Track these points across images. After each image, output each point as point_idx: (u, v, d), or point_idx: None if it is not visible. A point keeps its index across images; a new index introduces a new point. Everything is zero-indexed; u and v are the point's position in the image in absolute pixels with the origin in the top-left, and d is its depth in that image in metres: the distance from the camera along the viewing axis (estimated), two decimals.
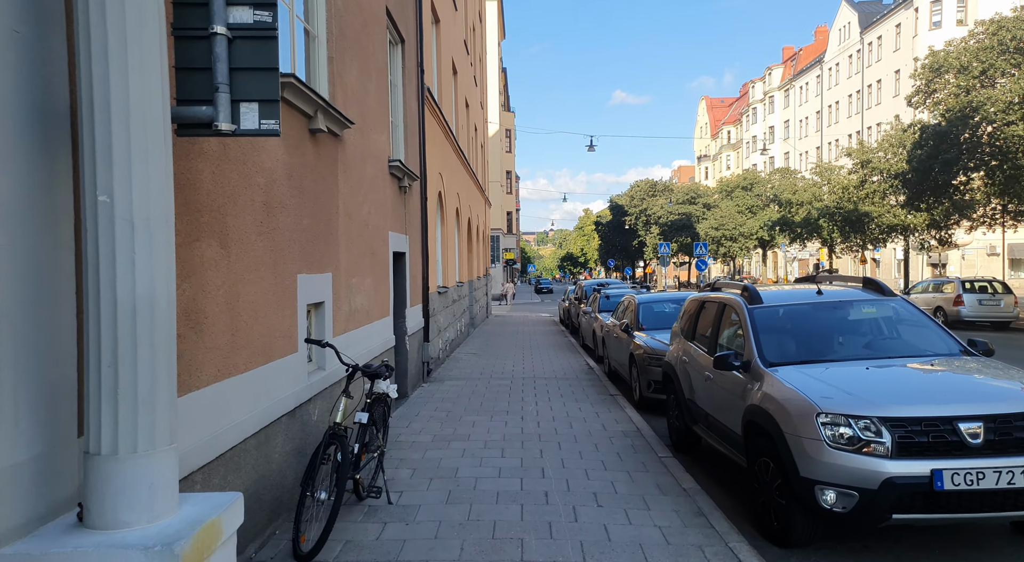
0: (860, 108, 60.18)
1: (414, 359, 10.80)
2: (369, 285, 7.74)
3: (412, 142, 10.90)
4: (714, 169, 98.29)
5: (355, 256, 7.13)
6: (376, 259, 8.10)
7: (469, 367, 13.64)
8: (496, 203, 52.30)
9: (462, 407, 9.43)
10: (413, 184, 10.81)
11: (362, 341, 7.31)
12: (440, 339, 13.81)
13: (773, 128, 79.78)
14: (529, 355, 15.70)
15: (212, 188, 3.91)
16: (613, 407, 9.36)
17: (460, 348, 17.12)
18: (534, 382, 11.64)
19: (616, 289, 17.73)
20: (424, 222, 11.63)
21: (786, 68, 79.12)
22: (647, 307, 11.12)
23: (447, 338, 15.04)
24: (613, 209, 77.07)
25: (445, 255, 15.10)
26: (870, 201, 28.21)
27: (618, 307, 12.96)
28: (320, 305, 6.01)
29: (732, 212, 50.91)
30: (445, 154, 15.15)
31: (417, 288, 11.23)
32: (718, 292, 7.03)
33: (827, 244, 34.44)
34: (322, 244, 5.96)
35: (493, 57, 49.80)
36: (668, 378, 7.69)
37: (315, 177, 5.82)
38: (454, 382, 11.70)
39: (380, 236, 8.33)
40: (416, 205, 11.16)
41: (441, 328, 13.99)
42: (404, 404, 9.71)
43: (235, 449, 4.12)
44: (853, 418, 4.25)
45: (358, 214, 7.26)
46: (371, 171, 7.87)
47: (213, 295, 3.90)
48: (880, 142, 28.52)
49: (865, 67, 59.50)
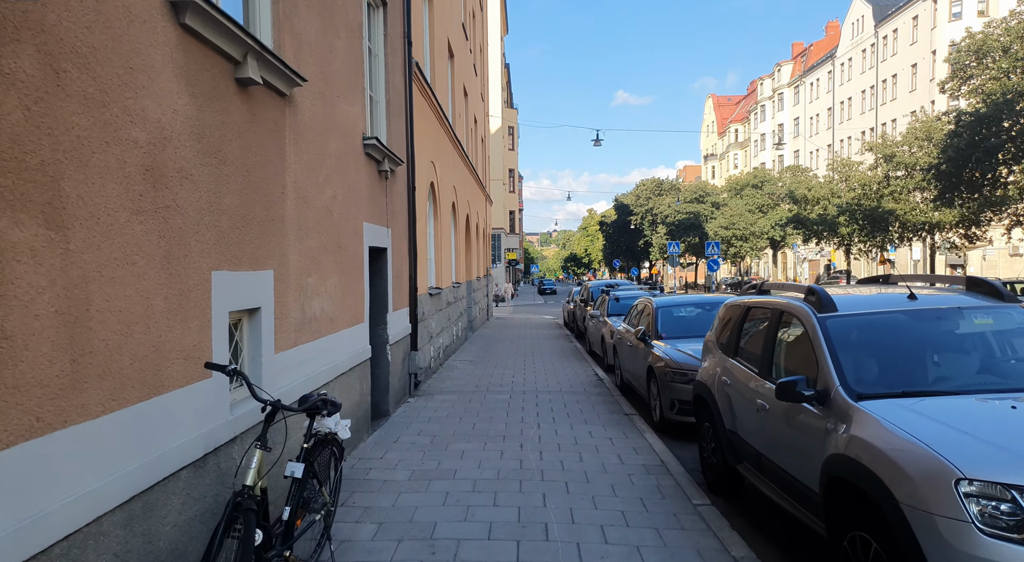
0: (874, 104, 58.58)
1: (398, 371, 9.38)
2: (334, 286, 6.32)
3: (397, 123, 9.48)
4: (721, 168, 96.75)
5: (313, 250, 5.71)
6: (345, 255, 6.68)
7: (464, 378, 12.20)
8: (498, 202, 50.91)
9: (451, 430, 7.99)
10: (397, 170, 9.39)
11: (322, 356, 5.89)
12: (431, 346, 12.38)
13: (782, 125, 78.23)
14: (531, 363, 14.27)
15: (26, 134, 2.49)
16: (630, 431, 7.92)
17: (456, 355, 15.69)
18: (536, 397, 10.20)
19: (626, 291, 16.28)
20: (412, 214, 10.21)
21: (796, 64, 77.55)
22: (667, 312, 9.67)
23: (440, 345, 13.62)
24: (618, 208, 75.57)
25: (439, 253, 13.68)
26: (893, 198, 26.68)
27: (631, 311, 11.51)
28: (255, 312, 4.59)
29: (743, 211, 49.36)
30: (439, 142, 13.73)
31: (403, 289, 9.81)
32: (766, 295, 5.58)
33: (844, 243, 32.89)
34: (257, 232, 4.54)
35: (495, 50, 48.43)
36: (702, 402, 6.25)
37: (246, 144, 4.40)
38: (445, 397, 10.27)
39: (351, 227, 6.92)
40: (402, 194, 9.73)
41: (433, 334, 12.57)
42: (384, 426, 8.28)
43: (74, 538, 2.70)
44: (1018, 489, 2.81)
45: (318, 198, 5.85)
46: (337, 147, 6.45)
47: (26, 302, 2.48)
48: (905, 135, 26.98)
49: (880, 61, 57.91)
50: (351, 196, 6.94)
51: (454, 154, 16.46)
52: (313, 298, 5.69)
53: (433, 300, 12.60)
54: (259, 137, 4.60)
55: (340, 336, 6.47)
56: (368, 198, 7.69)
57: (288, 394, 4.97)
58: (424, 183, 11.73)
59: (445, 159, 14.65)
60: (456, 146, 16.67)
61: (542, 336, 20.97)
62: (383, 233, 8.45)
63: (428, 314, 11.95)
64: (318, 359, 5.77)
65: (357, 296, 7.14)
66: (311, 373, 5.53)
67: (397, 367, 9.30)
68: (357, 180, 7.19)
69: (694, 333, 9.19)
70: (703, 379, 6.22)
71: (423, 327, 11.36)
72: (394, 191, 9.21)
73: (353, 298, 6.96)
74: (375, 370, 8.69)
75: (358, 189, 7.23)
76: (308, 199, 5.60)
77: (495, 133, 52.12)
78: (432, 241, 13.49)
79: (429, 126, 12.40)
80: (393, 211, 9.12)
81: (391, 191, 9.00)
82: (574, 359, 15.08)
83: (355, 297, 7.05)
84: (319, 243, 5.87)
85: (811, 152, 71.30)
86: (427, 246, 12.33)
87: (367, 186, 7.65)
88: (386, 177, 8.59)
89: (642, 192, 70.34)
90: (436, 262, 13.61)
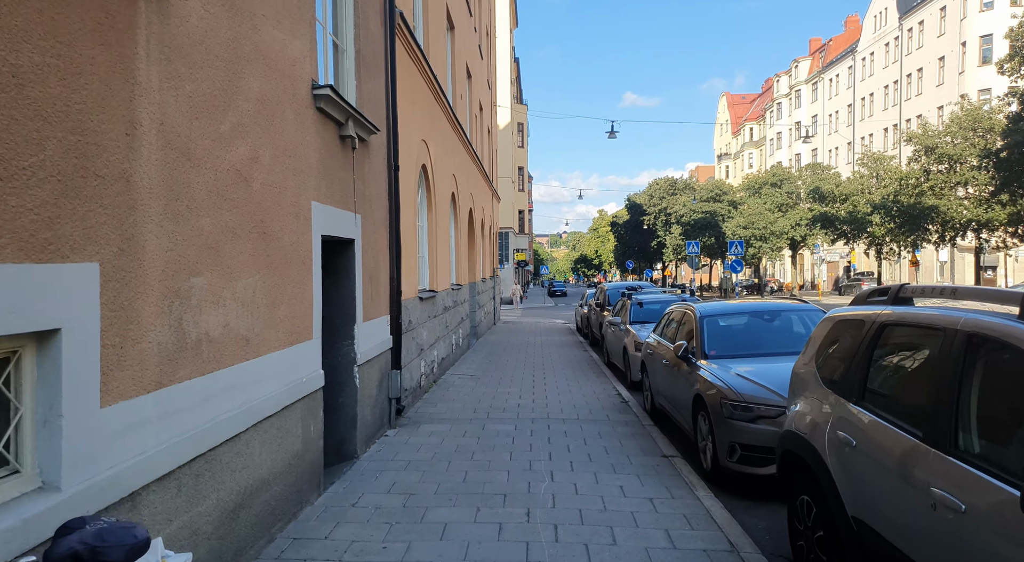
0: (898, 99, 56.17)
1: (371, 398, 7.35)
2: (253, 290, 4.31)
3: (372, 82, 7.48)
4: (735, 168, 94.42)
5: (207, 234, 3.70)
6: (275, 245, 4.67)
7: (462, 398, 10.17)
8: (507, 200, 48.92)
9: (434, 484, 5.96)
10: (372, 142, 7.39)
11: (223, 397, 3.88)
12: (422, 361, 10.36)
13: (800, 124, 75.81)
14: (541, 378, 12.22)
15: None
16: (675, 485, 5.87)
17: (455, 367, 13.67)
18: (548, 427, 8.16)
19: (651, 295, 14.20)
20: (394, 200, 8.20)
21: (814, 60, 75.17)
22: (714, 323, 7.58)
23: (435, 358, 11.60)
24: (631, 208, 73.38)
25: (435, 250, 11.67)
26: (934, 194, 24.44)
27: (663, 320, 9.45)
28: (48, 339, 2.58)
29: (762, 210, 47.09)
30: (434, 120, 11.72)
31: (381, 293, 7.80)
32: (912, 307, 3.53)
33: (875, 243, 30.63)
34: (49, 194, 2.54)
35: (504, 41, 46.51)
36: (798, 465, 4.18)
37: (23, 37, 2.40)
38: (435, 427, 8.24)
39: (288, 206, 4.91)
40: (379, 174, 7.73)
41: (424, 346, 10.54)
42: (345, 475, 6.26)
43: None
44: None
45: (218, 155, 3.85)
46: (261, 89, 4.45)
47: None
48: (948, 124, 24.74)
49: (904, 55, 55.50)
50: (289, 163, 4.93)
51: (454, 138, 14.46)
52: (205, 309, 3.68)
53: (425, 305, 10.59)
54: (58, 28, 2.60)
55: (265, 363, 4.45)
56: (321, 171, 5.68)
57: (135, 475, 2.97)
58: (413, 165, 9.72)
59: (442, 142, 12.64)
60: (457, 130, 14.66)
61: (553, 343, 18.92)
62: (347, 220, 6.44)
63: (417, 322, 9.94)
64: (214, 403, 3.76)
65: (299, 304, 5.13)
66: (193, 430, 3.52)
67: (370, 393, 7.28)
68: (300, 143, 5.18)
69: (753, 350, 7.12)
70: (800, 430, 4.15)
71: (410, 339, 9.34)
72: (367, 168, 7.20)
73: (291, 306, 4.95)
74: (336, 400, 6.68)
75: (302, 156, 5.22)
76: (195, 154, 3.59)
77: (504, 129, 50.15)
78: (426, 236, 11.48)
79: (420, 98, 10.39)
80: (365, 194, 7.12)
81: (362, 168, 6.99)
82: (591, 372, 13.03)
83: (295, 305, 5.04)
84: (220, 224, 3.86)
85: (830, 150, 68.90)
86: (417, 241, 10.33)
87: (320, 154, 5.64)
88: (352, 147, 6.58)
89: (655, 191, 68.15)
90: (431, 261, 11.59)
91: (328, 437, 6.64)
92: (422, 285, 11.13)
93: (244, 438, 4.12)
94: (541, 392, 10.76)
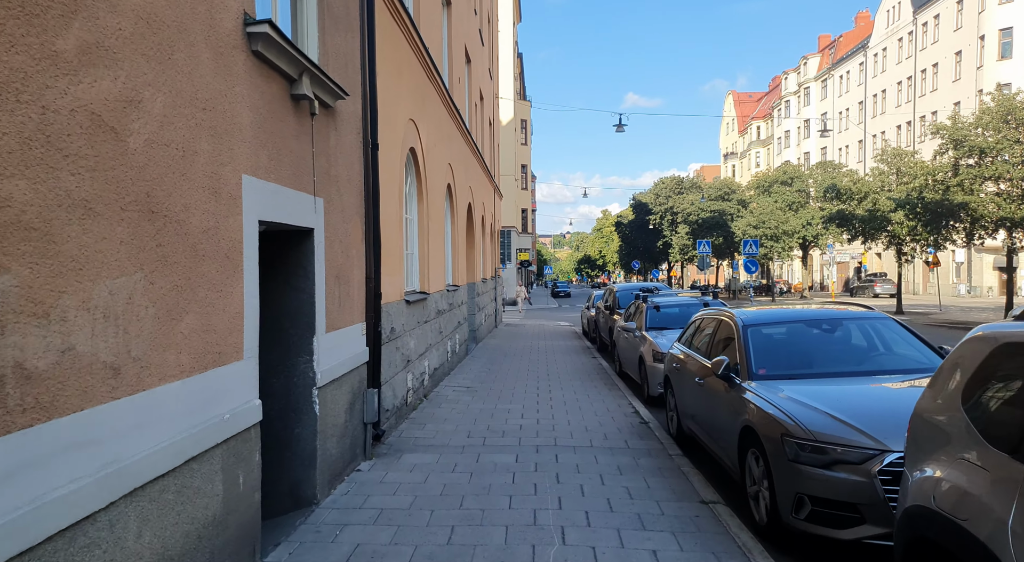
0: (912, 95, 54.66)
1: (338, 427, 5.96)
2: (129, 295, 2.93)
3: (342, 37, 6.11)
4: (742, 167, 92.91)
5: (21, 206, 2.33)
6: (174, 229, 3.29)
7: (454, 418, 8.78)
8: (510, 198, 47.57)
9: (408, 549, 4.54)
10: (341, 110, 6.01)
11: (62, 461, 2.49)
12: (409, 374, 8.97)
13: (808, 122, 74.33)
14: (547, 390, 10.82)
15: None
16: (725, 551, 4.45)
17: (451, 377, 12.28)
18: (556, 458, 6.76)
19: (668, 298, 12.78)
20: (372, 185, 6.82)
21: (823, 57, 73.66)
22: (761, 335, 6.13)
23: (426, 369, 10.20)
24: (636, 208, 71.87)
25: (426, 246, 10.30)
26: (962, 190, 22.96)
27: (690, 329, 8.06)
28: None
29: (773, 209, 45.59)
30: (425, 98, 10.34)
31: (353, 296, 6.42)
32: None
33: (895, 242, 29.10)
34: None
35: (507, 33, 45.15)
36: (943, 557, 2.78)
37: None
38: (419, 457, 6.85)
39: (200, 178, 3.53)
40: (350, 150, 6.35)
41: (412, 356, 9.15)
42: (296, 533, 4.86)
43: None
44: None
45: (55, 88, 2.47)
46: (149, 9, 3.07)
47: None
48: (978, 116, 23.27)
49: (918, 50, 53.98)
50: (203, 120, 3.55)
51: (450, 124, 13.08)
52: (12, 328, 2.30)
53: (414, 310, 9.20)
54: None
55: (153, 400, 3.07)
56: (260, 136, 4.29)
57: None
58: (397, 146, 8.34)
59: (436, 125, 11.26)
60: (454, 116, 13.28)
61: (559, 349, 17.52)
62: (303, 204, 5.05)
63: (403, 330, 8.55)
64: (38, 474, 2.37)
65: (218, 313, 3.74)
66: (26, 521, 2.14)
67: (336, 420, 5.89)
68: (223, 94, 3.80)
69: (813, 369, 5.72)
70: (946, 509, 2.73)
71: (393, 350, 7.96)
72: (333, 143, 5.82)
73: (204, 317, 3.56)
74: (290, 432, 5.30)
75: (227, 112, 3.84)
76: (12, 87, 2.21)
77: (507, 125, 48.78)
78: (415, 230, 10.10)
79: (408, 71, 9.02)
80: (330, 174, 5.74)
81: (326, 140, 5.62)
82: (601, 383, 11.63)
83: (211, 315, 3.65)
84: (53, 193, 2.47)
85: (841, 148, 67.36)
86: (404, 236, 8.95)
87: (257, 114, 4.26)
88: (311, 112, 5.20)
89: (661, 190, 66.66)
90: (422, 259, 10.22)
91: (279, 480, 5.27)
92: (411, 286, 9.75)
93: (105, 518, 2.73)
94: (547, 409, 9.37)
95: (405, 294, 8.80)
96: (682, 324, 11.10)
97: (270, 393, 5.25)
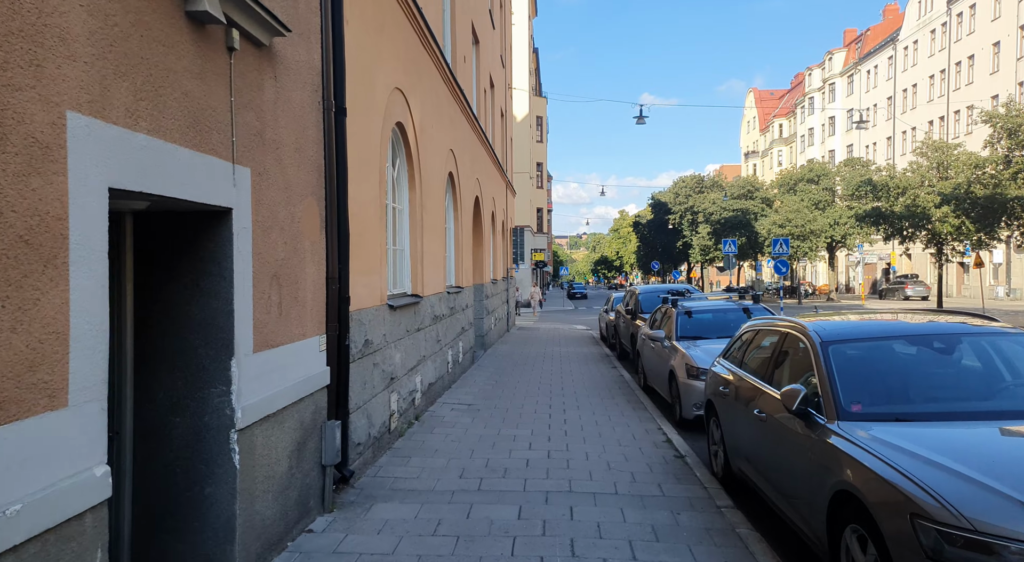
0: (945, 89, 52.37)
1: (274, 479, 4.41)
2: None
3: None
4: (763, 166, 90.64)
5: None
6: None
7: (447, 448, 7.24)
8: (524, 196, 46.06)
9: None
10: (282, 52, 4.50)
11: None
12: (394, 395, 7.44)
13: (833, 119, 72.08)
14: (560, 411, 9.27)
15: None
16: None
17: (451, 391, 10.75)
18: (570, 513, 5.20)
19: (700, 303, 11.17)
20: (336, 158, 5.31)
21: (849, 51, 71.35)
22: (849, 356, 4.48)
23: (417, 386, 8.68)
24: (654, 207, 70.03)
25: (418, 242, 8.79)
26: (1015, 183, 21.08)
27: (738, 342, 6.46)
28: None
29: (801, 207, 43.64)
30: (419, 68, 8.84)
31: (306, 300, 4.91)
32: None
33: (936, 240, 27.19)
34: None
35: (522, 25, 43.62)
36: None
37: None
38: (394, 509, 5.31)
39: None
40: (301, 110, 4.83)
41: (398, 373, 7.63)
42: None
43: None
44: None
45: None
46: None
47: None
48: None
49: (952, 42, 51.69)
50: None
51: (453, 106, 11.58)
52: None
53: (400, 316, 7.68)
54: None
55: None
56: (108, 54, 2.78)
57: None
58: (377, 115, 6.82)
59: (433, 103, 9.75)
60: (458, 97, 11.78)
61: (575, 357, 15.94)
62: (213, 173, 3.54)
63: (386, 341, 7.03)
64: None
65: (15, 334, 2.24)
66: None
67: (272, 469, 4.36)
68: None
69: (928, 406, 4.11)
70: None
71: (370, 367, 6.44)
72: (269, 95, 4.31)
73: None
74: (202, 491, 3.79)
75: (23, 4, 2.34)
76: None
77: (522, 121, 47.23)
78: (406, 221, 8.60)
79: (394, 28, 7.51)
80: (263, 136, 4.23)
81: (256, 90, 4.11)
82: (623, 400, 10.05)
83: None
84: None
85: (867, 145, 65.01)
86: (389, 227, 7.45)
87: (101, 20, 2.74)
88: (228, 46, 3.70)
89: (681, 190, 64.82)
90: (413, 256, 8.71)
91: (182, 560, 3.76)
92: (399, 288, 8.25)
93: None
94: (560, 435, 7.81)
95: (388, 298, 7.29)
96: (719, 333, 9.50)
97: (168, 439, 3.76)
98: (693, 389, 8.38)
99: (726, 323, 9.81)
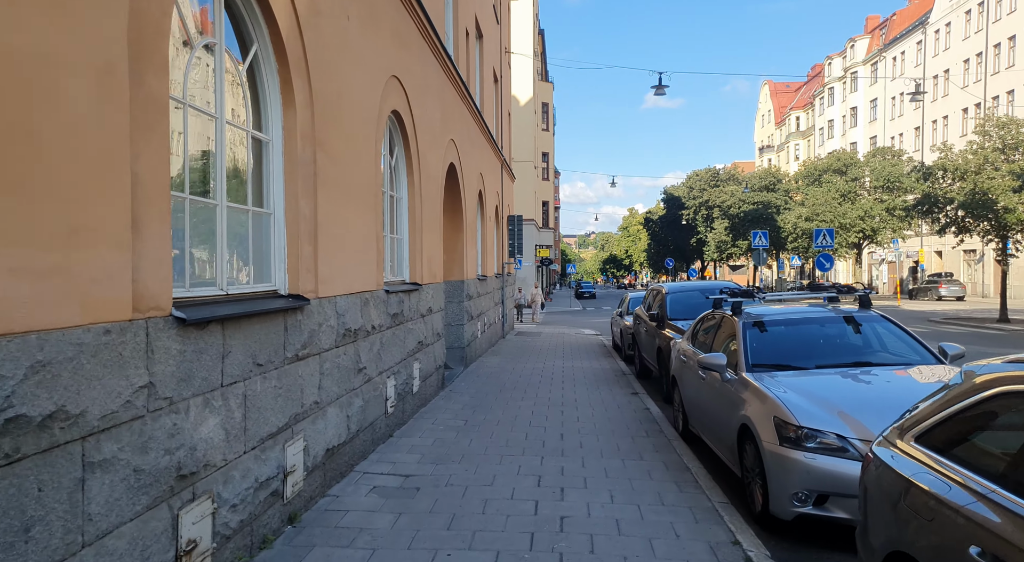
0: (982, 74, 48.26)
1: None
2: None
3: None
4: (779, 161, 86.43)
5: None
6: None
7: None
8: (528, 187, 42.28)
9: None
10: None
11: None
12: (191, 515, 3.66)
13: (855, 109, 67.91)
14: (556, 497, 5.45)
15: None
16: None
17: (388, 445, 6.94)
18: None
19: (777, 308, 7.24)
20: None
21: (873, 38, 67.14)
22: None
23: (275, 471, 4.89)
24: (667, 202, 66.18)
25: (309, 198, 5.01)
26: None
27: None
28: None
29: (829, 199, 39.71)
30: None
31: None
32: None
33: (999, 232, 23.28)
34: None
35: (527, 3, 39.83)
36: None
37: None
38: None
39: None
40: None
41: (197, 467, 3.84)
42: None
43: None
44: None
45: None
46: None
47: None
48: None
49: (990, 23, 47.61)
50: None
51: (434, 63, 7.79)
52: None
53: (209, 343, 3.90)
54: None
55: None
56: None
57: None
58: None
59: (415, 60, 5.97)
60: (442, 59, 7.99)
61: (583, 376, 12.13)
62: None
63: (149, 405, 3.25)
64: None
65: None
66: None
67: None
68: None
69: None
70: None
71: None
72: None
73: None
74: None
75: None
76: None
77: (525, 105, 43.40)
78: (281, 166, 4.81)
79: None
80: None
81: None
82: (659, 460, 6.23)
83: None
84: None
85: (892, 136, 60.83)
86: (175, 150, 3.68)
87: None
88: None
89: (695, 183, 60.99)
90: (291, 222, 4.93)
91: None
92: (235, 280, 4.46)
93: None
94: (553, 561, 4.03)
95: (177, 305, 3.50)
96: (821, 359, 5.69)
97: None
98: (792, 465, 4.54)
99: (828, 342, 5.99)
